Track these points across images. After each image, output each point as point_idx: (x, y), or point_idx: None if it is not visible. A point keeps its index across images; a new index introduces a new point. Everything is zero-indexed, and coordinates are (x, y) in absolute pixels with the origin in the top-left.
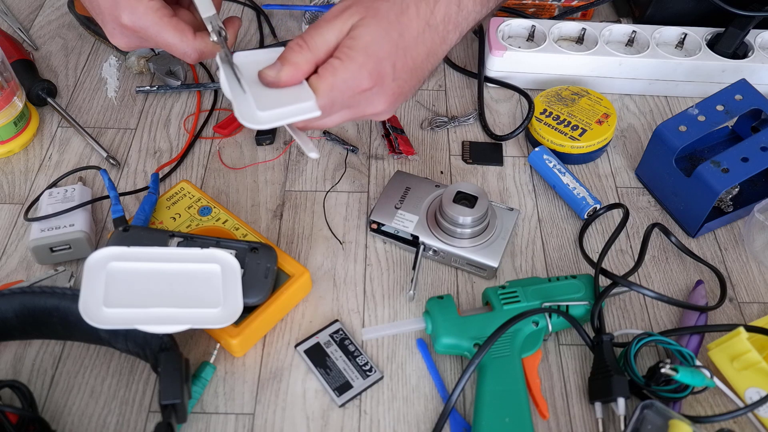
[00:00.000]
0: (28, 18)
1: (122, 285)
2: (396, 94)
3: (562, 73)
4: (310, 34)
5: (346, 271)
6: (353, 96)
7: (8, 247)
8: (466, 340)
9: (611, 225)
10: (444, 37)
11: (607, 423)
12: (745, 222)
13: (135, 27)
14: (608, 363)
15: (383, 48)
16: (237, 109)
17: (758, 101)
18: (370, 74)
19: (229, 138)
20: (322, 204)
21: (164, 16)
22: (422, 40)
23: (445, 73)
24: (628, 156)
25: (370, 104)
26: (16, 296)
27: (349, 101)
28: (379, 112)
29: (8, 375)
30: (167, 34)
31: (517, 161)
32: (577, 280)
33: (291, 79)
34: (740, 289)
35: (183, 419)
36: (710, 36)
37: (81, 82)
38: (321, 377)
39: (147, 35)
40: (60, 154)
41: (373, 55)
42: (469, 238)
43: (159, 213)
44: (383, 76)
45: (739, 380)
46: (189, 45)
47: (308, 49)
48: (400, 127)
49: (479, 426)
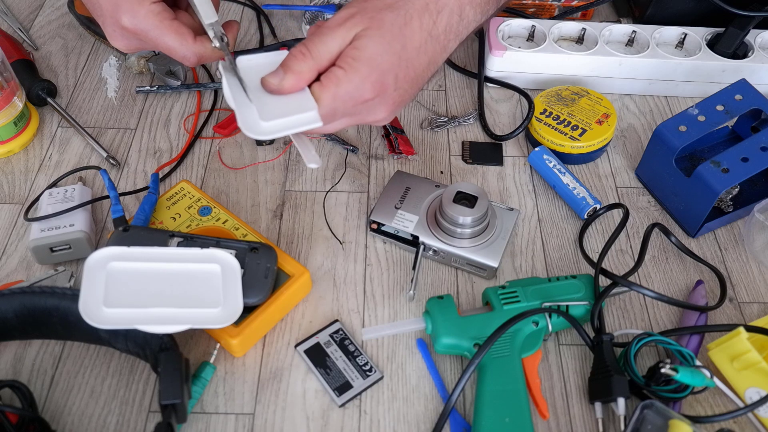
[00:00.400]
0: (28, 18)
1: (122, 285)
2: (397, 102)
3: (562, 73)
4: (312, 42)
5: (346, 271)
6: (355, 106)
7: (8, 247)
8: (466, 340)
9: (611, 225)
10: (444, 46)
11: (607, 423)
12: (745, 222)
13: (135, 30)
14: (608, 363)
15: (386, 60)
16: (240, 118)
17: (758, 101)
18: (373, 86)
19: (229, 138)
20: (322, 204)
21: (165, 19)
22: (424, 50)
23: (445, 73)
24: (628, 156)
25: (371, 113)
26: (16, 296)
27: (351, 110)
28: (380, 119)
29: (8, 375)
30: (167, 38)
31: (517, 161)
32: (577, 280)
33: (293, 88)
34: (740, 289)
35: (183, 419)
36: (710, 36)
37: (81, 82)
38: (321, 377)
39: (147, 38)
40: (60, 154)
41: (377, 67)
42: (469, 238)
43: (159, 213)
44: (386, 87)
45: (739, 380)
46: (189, 49)
47: (311, 57)
48: (400, 127)
49: (479, 426)
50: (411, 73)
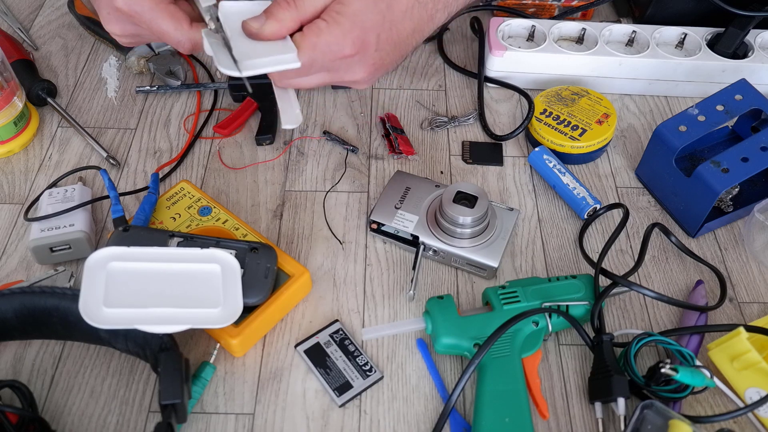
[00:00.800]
0: (28, 18)
1: (122, 285)
2: (377, 65)
3: (562, 73)
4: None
5: (346, 271)
6: (334, 60)
7: (8, 247)
8: (466, 340)
9: (611, 225)
10: (432, 16)
11: (607, 423)
12: (745, 222)
13: (130, 11)
14: (608, 363)
15: (370, 18)
16: (217, 59)
17: (758, 101)
18: (354, 42)
19: (229, 138)
20: (322, 204)
21: (161, 2)
22: (410, 15)
23: (445, 73)
24: (628, 156)
25: (350, 71)
26: (16, 296)
27: (329, 64)
28: (358, 80)
29: (8, 375)
30: (162, 21)
31: (517, 161)
32: (577, 280)
33: (274, 34)
34: (740, 289)
35: (183, 419)
36: (710, 36)
37: (81, 82)
38: (321, 377)
39: (141, 20)
40: (60, 154)
41: (360, 23)
42: (469, 238)
43: (159, 213)
44: (366, 45)
45: (739, 380)
46: (184, 34)
47: (295, 7)
48: (400, 127)
49: (479, 426)
50: (394, 36)
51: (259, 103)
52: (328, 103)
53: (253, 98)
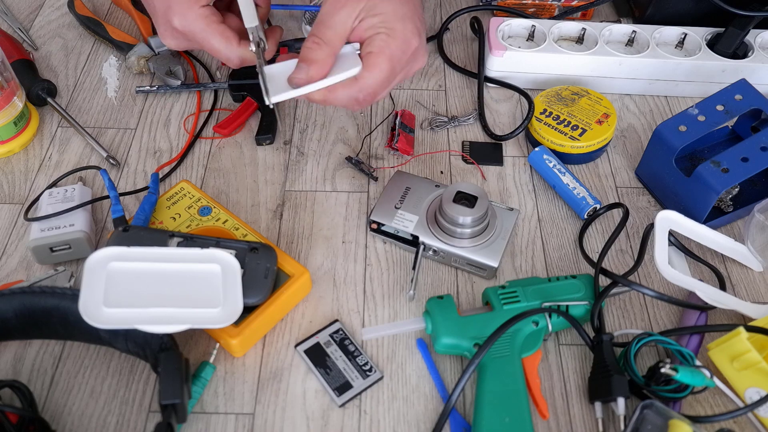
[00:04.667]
0: (28, 18)
1: (122, 285)
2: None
3: (562, 73)
4: (319, 29)
5: (346, 271)
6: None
7: (8, 247)
8: (466, 340)
9: (611, 225)
10: None
11: (607, 423)
12: (745, 222)
13: (185, 31)
14: (608, 363)
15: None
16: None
17: (758, 101)
18: (413, 32)
19: (229, 138)
20: (322, 204)
21: (212, 23)
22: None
23: (445, 73)
24: (628, 156)
25: (416, 60)
26: (16, 296)
27: (405, 64)
28: (422, 64)
29: (8, 375)
30: (214, 40)
31: (517, 161)
32: (577, 280)
33: (320, 75)
34: (740, 289)
35: (183, 419)
36: (710, 36)
37: (81, 82)
38: (321, 377)
39: (195, 39)
40: (60, 154)
41: (403, 16)
42: (469, 238)
43: (159, 213)
44: (419, 29)
45: (739, 380)
46: (233, 52)
47: (325, 43)
48: (411, 127)
49: (479, 426)
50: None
51: (259, 103)
52: None
53: (254, 98)
